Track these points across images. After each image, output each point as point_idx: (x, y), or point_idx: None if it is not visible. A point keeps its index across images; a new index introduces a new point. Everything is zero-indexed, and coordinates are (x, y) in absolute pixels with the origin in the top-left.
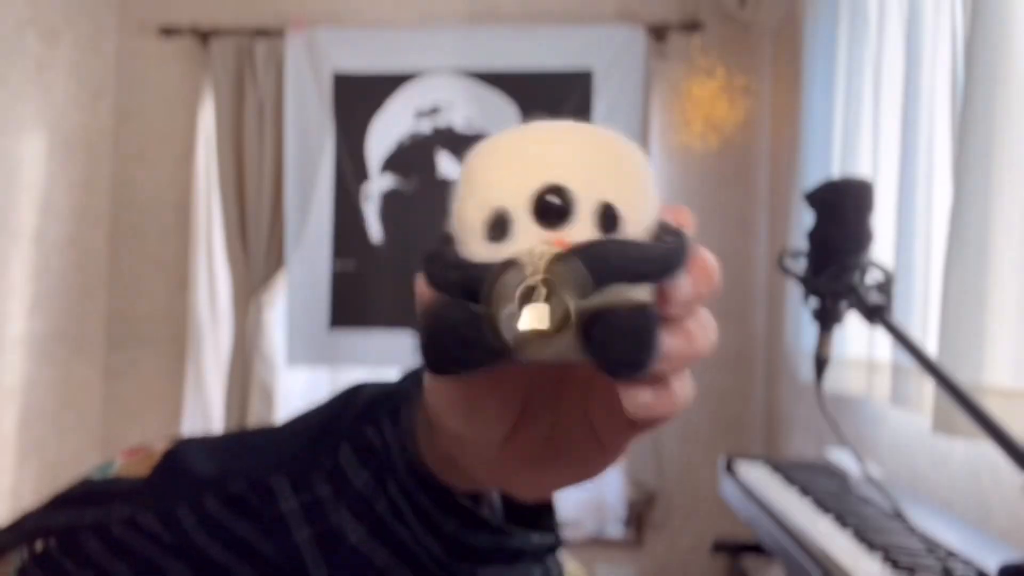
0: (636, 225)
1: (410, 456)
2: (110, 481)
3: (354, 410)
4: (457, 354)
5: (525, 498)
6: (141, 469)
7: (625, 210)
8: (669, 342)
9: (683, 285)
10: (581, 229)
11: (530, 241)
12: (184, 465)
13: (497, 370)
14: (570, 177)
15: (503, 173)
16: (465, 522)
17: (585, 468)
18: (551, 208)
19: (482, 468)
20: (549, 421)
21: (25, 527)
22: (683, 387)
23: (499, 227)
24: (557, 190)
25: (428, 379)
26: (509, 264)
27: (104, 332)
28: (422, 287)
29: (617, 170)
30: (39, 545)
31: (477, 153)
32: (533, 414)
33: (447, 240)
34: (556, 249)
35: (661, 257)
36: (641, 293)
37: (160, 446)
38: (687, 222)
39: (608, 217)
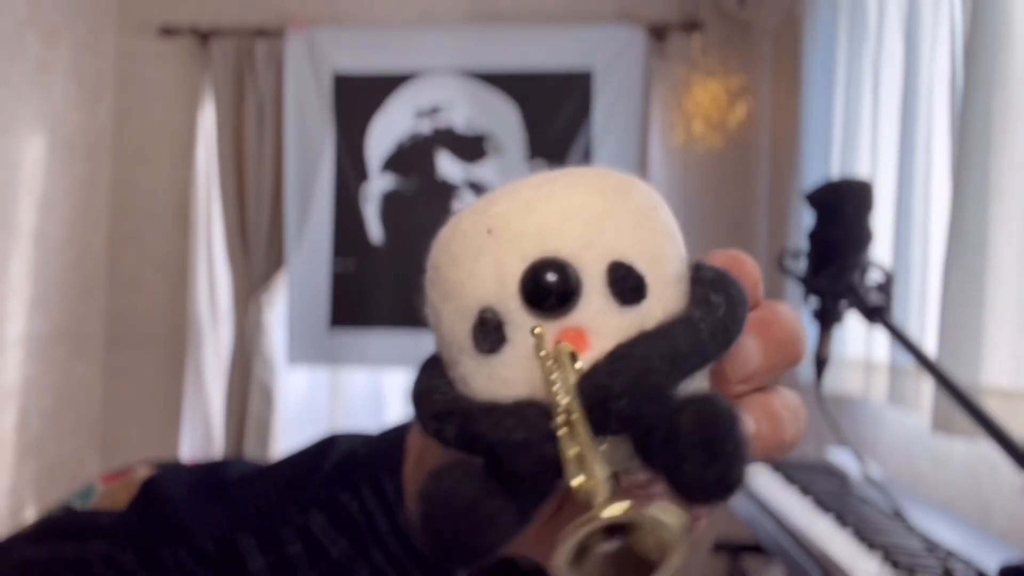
0: (662, 282)
1: (402, 529)
2: (90, 514)
3: (327, 468)
4: (471, 542)
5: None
6: (119, 500)
7: (644, 264)
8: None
9: (748, 350)
10: (595, 307)
11: (531, 342)
12: (159, 503)
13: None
14: (560, 243)
15: (476, 266)
16: None
17: None
18: (547, 290)
19: (521, 545)
20: None
21: (11, 558)
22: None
23: (488, 334)
24: (549, 265)
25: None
26: (521, 412)
27: (104, 332)
28: (415, 441)
29: (619, 214)
30: None
31: (439, 246)
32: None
33: (434, 364)
34: (573, 345)
35: (717, 328)
36: (695, 382)
37: (139, 473)
38: (748, 271)
39: (624, 279)
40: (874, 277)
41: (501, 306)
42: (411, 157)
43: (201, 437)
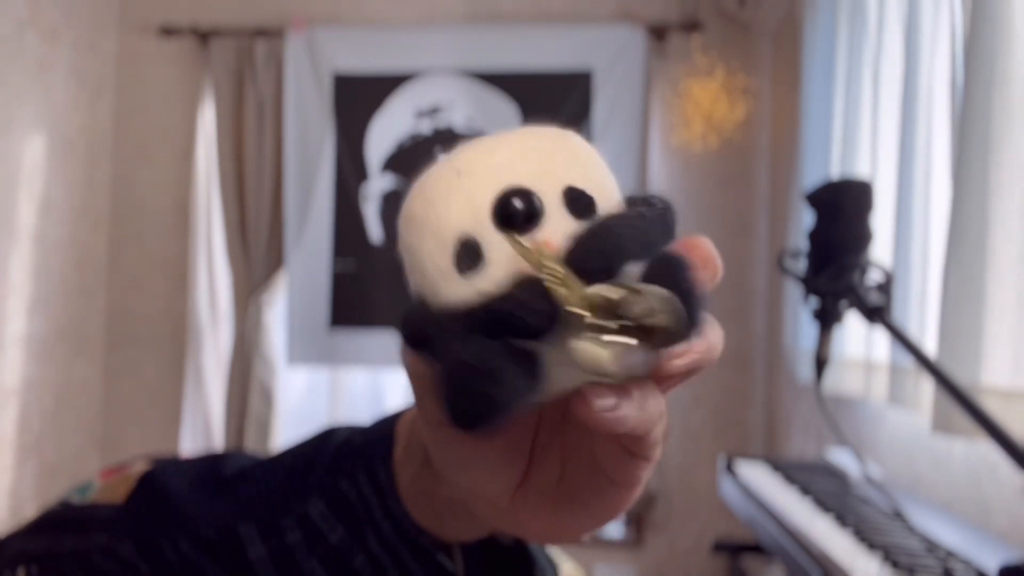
0: (608, 202)
1: (395, 513)
2: (88, 507)
3: (326, 458)
4: (497, 399)
5: (546, 543)
6: (117, 493)
7: (593, 188)
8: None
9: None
10: (557, 223)
11: (508, 255)
12: (158, 495)
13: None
14: (522, 174)
15: (450, 201)
16: None
17: (601, 507)
18: (517, 212)
19: (496, 517)
20: (558, 462)
21: (7, 552)
22: (648, 399)
23: (469, 256)
24: (515, 193)
25: (434, 436)
26: (523, 284)
27: (104, 332)
28: (411, 360)
29: (565, 151)
30: (21, 572)
31: (412, 196)
32: (542, 457)
33: (419, 305)
34: (549, 248)
35: (660, 220)
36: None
37: (137, 468)
38: (702, 252)
39: (579, 200)
40: (874, 277)
41: (477, 232)
42: (411, 157)
43: (201, 437)
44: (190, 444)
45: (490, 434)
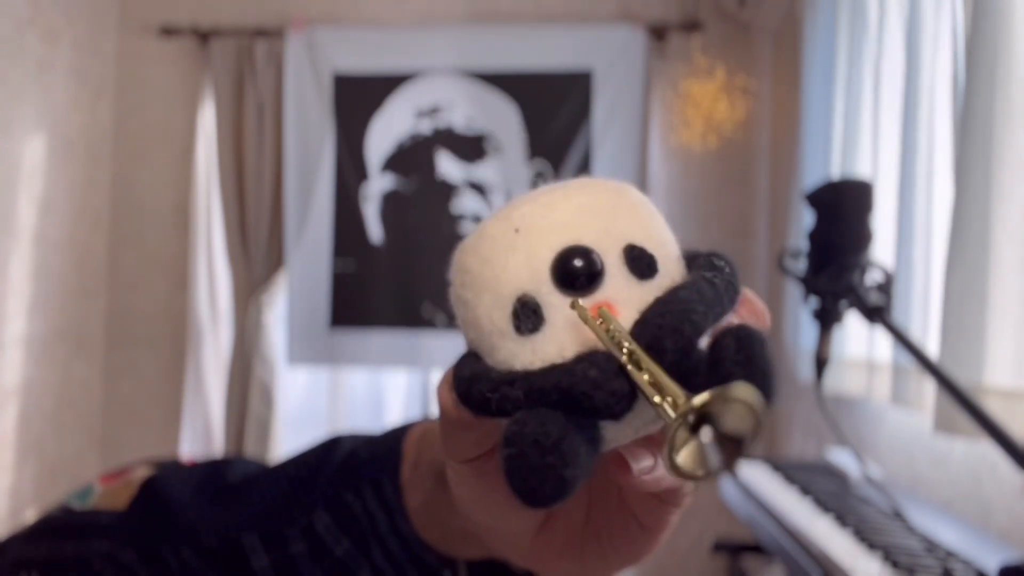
0: (668, 260)
1: (401, 530)
2: (88, 513)
3: (331, 469)
4: (569, 479)
5: None
6: (119, 500)
7: (652, 246)
8: None
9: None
10: (619, 283)
11: (569, 316)
12: (160, 502)
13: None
14: (581, 232)
15: (509, 259)
16: None
17: (628, 551)
18: (577, 272)
19: (517, 556)
20: (585, 503)
21: (8, 557)
22: None
23: (528, 316)
24: (575, 251)
25: (459, 473)
26: (594, 360)
27: (104, 332)
28: (450, 399)
29: (624, 208)
30: None
31: (466, 252)
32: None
33: (470, 357)
34: (612, 311)
35: (728, 287)
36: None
37: (139, 473)
38: (755, 309)
39: (640, 259)
40: (874, 277)
41: (536, 292)
42: (411, 157)
43: (201, 437)
44: (190, 444)
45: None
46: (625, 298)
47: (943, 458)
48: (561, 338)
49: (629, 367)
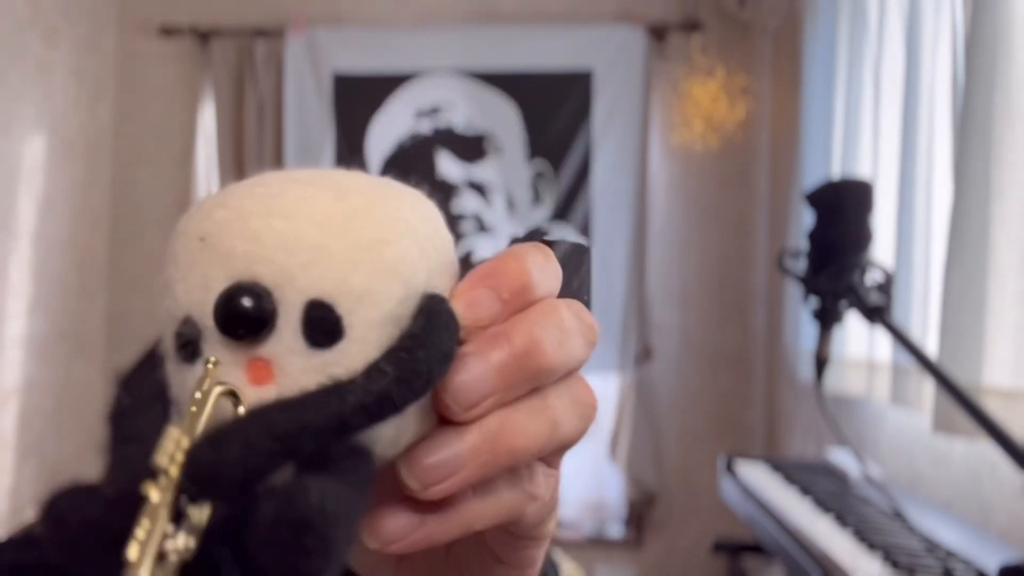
0: (366, 325)
1: None
2: None
3: None
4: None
5: None
6: None
7: (348, 305)
8: (440, 453)
9: (465, 382)
10: (284, 343)
11: (224, 357)
12: None
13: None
14: (267, 268)
15: (190, 270)
16: None
17: None
18: (240, 316)
19: (362, 565)
20: (445, 553)
21: (2, 562)
22: (479, 501)
23: (185, 346)
24: (247, 290)
25: None
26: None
27: (104, 332)
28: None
29: (339, 248)
30: None
31: (178, 230)
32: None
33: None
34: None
35: (388, 391)
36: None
37: None
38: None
39: (319, 321)
40: (874, 277)
41: (201, 320)
42: (411, 157)
43: None
44: None
45: None
46: (287, 364)
47: (943, 458)
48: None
49: (150, 494)
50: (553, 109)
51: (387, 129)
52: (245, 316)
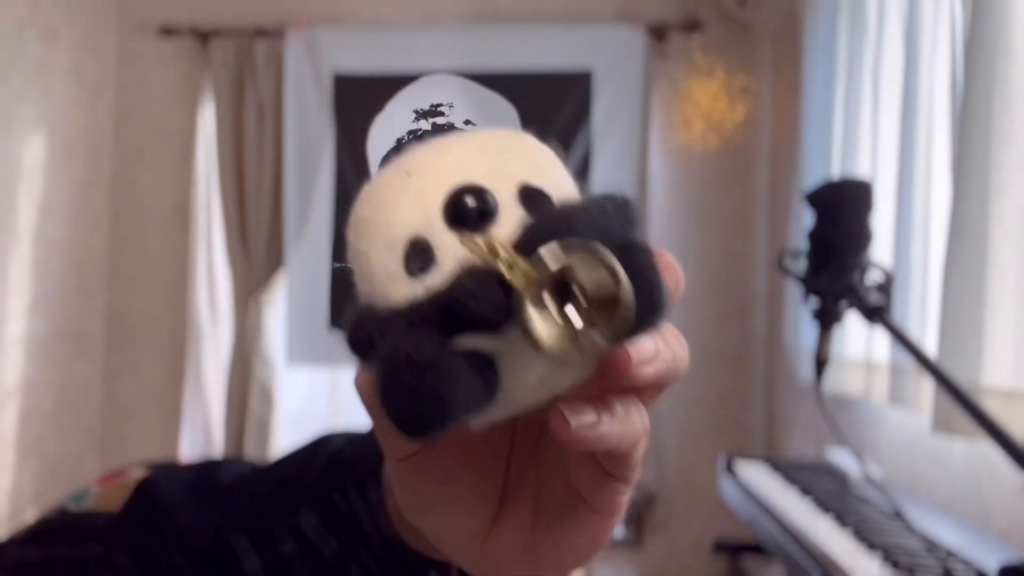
0: (566, 199)
1: (384, 530)
2: (84, 515)
3: (317, 469)
4: (446, 397)
5: None
6: (115, 502)
7: (547, 186)
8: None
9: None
10: (513, 222)
11: (461, 255)
12: (153, 505)
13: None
14: (475, 173)
15: (399, 202)
16: None
17: (581, 540)
18: (469, 210)
19: (469, 563)
20: (531, 497)
21: (4, 560)
22: (632, 413)
23: (419, 258)
24: (467, 190)
25: (398, 472)
26: (471, 273)
27: (104, 332)
28: (364, 382)
29: (519, 152)
30: None
31: (360, 202)
32: (514, 493)
33: (363, 309)
34: (497, 240)
35: (619, 212)
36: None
37: (134, 475)
38: (665, 261)
39: (535, 197)
40: (874, 277)
41: (428, 232)
42: None
43: (201, 437)
44: (190, 444)
45: (438, 439)
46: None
47: (943, 458)
48: (451, 275)
49: (506, 272)
50: (553, 109)
51: (387, 129)
52: (474, 209)
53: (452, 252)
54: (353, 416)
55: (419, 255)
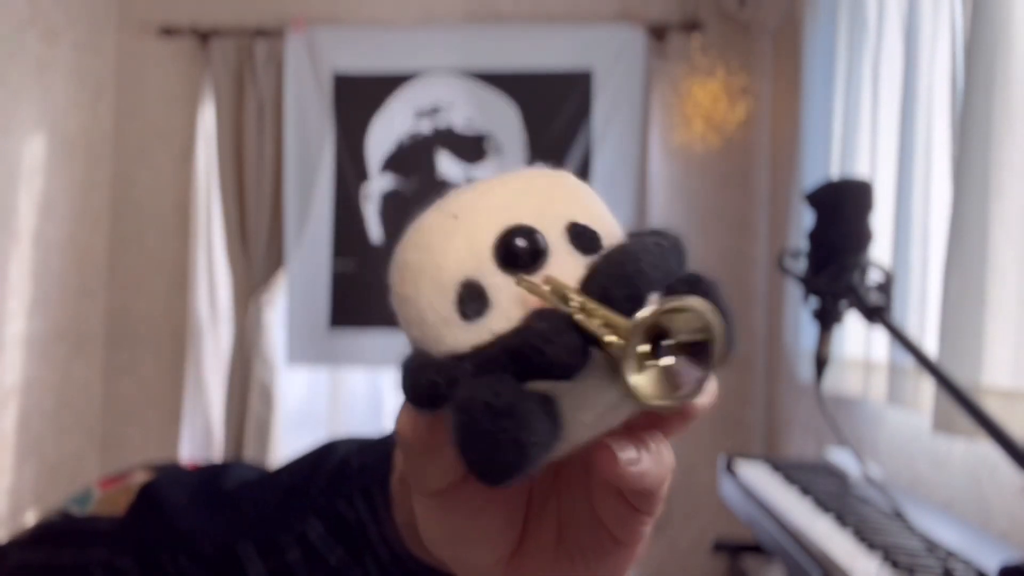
0: (610, 236)
1: (390, 540)
2: (87, 519)
3: (323, 476)
4: (527, 444)
5: None
6: (118, 506)
7: (596, 224)
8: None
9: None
10: (564, 260)
11: (516, 296)
12: (157, 509)
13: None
14: (521, 214)
15: (448, 245)
16: None
17: (606, 569)
18: (521, 251)
19: None
20: (554, 525)
21: (7, 563)
22: (663, 451)
23: (473, 301)
24: (518, 231)
25: (422, 506)
26: (542, 316)
27: (104, 332)
28: (409, 420)
29: (562, 190)
30: None
31: (404, 247)
32: (537, 522)
33: (418, 355)
34: (559, 282)
35: (674, 249)
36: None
37: (137, 478)
38: None
39: (583, 235)
40: (874, 277)
41: (479, 275)
42: (411, 157)
43: (201, 437)
44: (190, 445)
45: (513, 487)
46: (571, 273)
47: (943, 458)
48: (510, 315)
49: (579, 317)
50: (553, 109)
51: (387, 129)
52: (525, 249)
53: (507, 294)
54: (353, 417)
55: (473, 298)
